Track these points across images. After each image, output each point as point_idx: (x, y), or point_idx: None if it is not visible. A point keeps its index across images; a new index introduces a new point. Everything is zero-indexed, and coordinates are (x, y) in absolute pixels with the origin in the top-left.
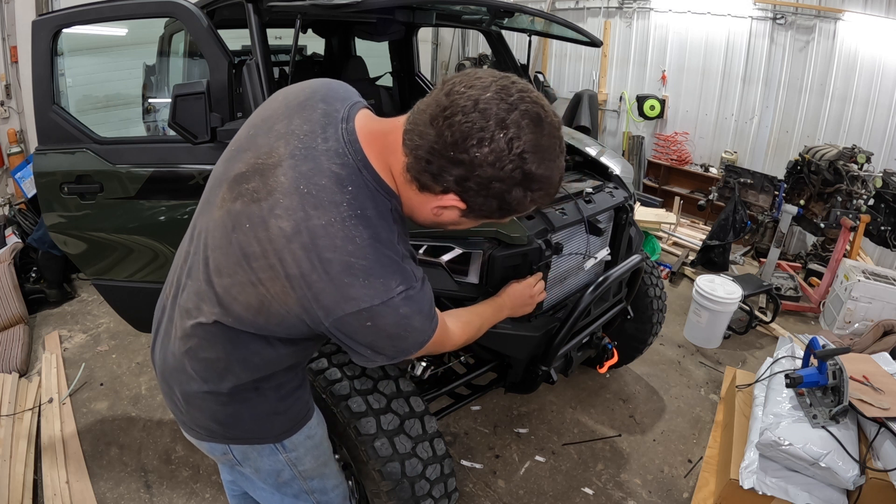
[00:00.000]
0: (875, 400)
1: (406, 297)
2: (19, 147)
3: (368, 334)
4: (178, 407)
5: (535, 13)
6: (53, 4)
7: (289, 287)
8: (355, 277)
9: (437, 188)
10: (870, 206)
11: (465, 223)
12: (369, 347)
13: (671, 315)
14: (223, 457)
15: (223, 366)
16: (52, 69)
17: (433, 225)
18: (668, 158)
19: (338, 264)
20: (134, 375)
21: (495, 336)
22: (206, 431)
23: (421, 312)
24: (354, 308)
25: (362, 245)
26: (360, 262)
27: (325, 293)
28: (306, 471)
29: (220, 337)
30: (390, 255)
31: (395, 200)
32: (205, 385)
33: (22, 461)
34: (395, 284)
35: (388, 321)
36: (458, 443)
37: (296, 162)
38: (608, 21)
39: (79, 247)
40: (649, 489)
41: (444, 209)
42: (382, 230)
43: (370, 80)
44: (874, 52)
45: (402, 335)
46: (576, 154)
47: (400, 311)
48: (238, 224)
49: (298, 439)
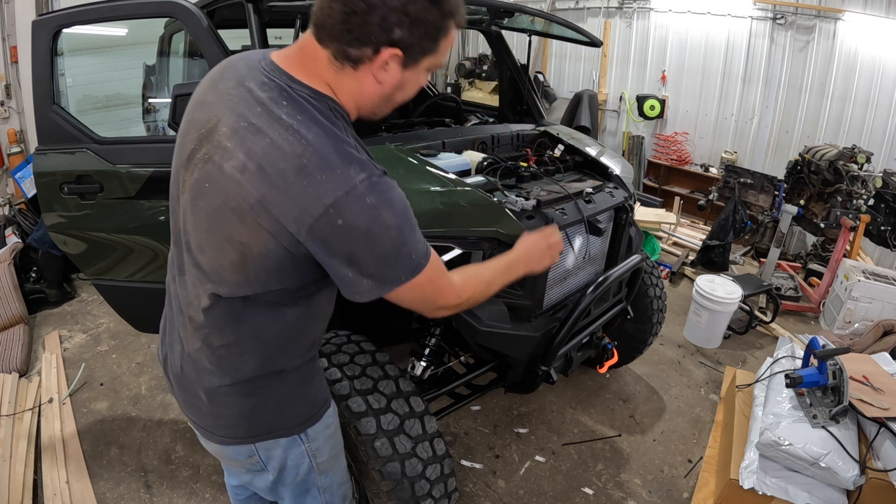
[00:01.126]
0: (875, 400)
1: (370, 185)
2: (19, 147)
3: (343, 238)
4: (201, 411)
5: (535, 13)
6: (53, 4)
7: (257, 219)
8: (312, 176)
9: (369, 50)
10: (870, 206)
11: (410, 80)
12: (349, 260)
13: (671, 315)
14: (248, 460)
15: (238, 350)
16: (52, 69)
17: (382, 102)
18: (668, 158)
19: (292, 170)
20: (134, 375)
21: (495, 336)
22: (231, 431)
23: (392, 206)
24: (320, 208)
25: (310, 144)
26: (313, 160)
27: (288, 205)
28: (323, 463)
29: (226, 318)
30: (342, 147)
31: (332, 101)
32: (225, 377)
33: (22, 461)
34: (354, 173)
35: (357, 214)
36: (458, 443)
37: (230, 111)
38: (608, 21)
39: (79, 247)
40: (649, 489)
41: (384, 70)
42: (328, 126)
43: None
44: (874, 52)
45: (378, 235)
46: (576, 154)
47: (367, 200)
48: (201, 191)
49: (319, 428)
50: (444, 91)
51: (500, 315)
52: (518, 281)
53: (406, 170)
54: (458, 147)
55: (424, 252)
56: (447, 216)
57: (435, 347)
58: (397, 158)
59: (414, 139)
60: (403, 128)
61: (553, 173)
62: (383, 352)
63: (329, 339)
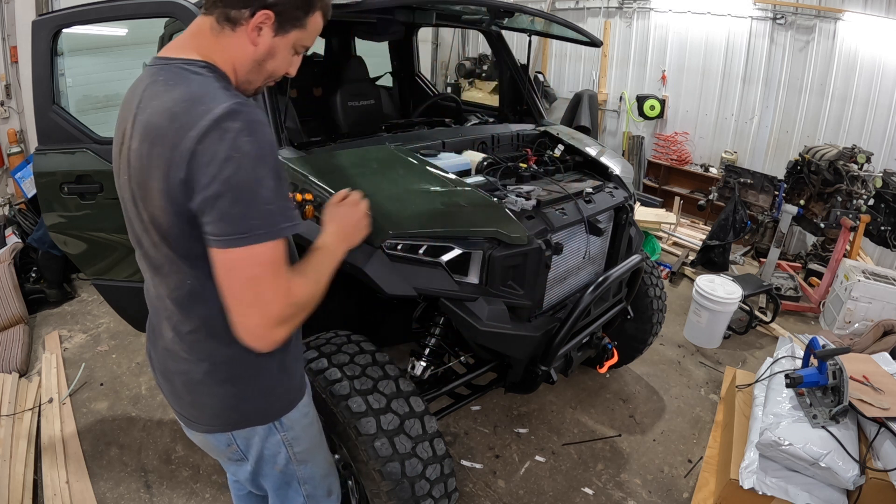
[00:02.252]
0: (875, 400)
1: (231, 111)
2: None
3: (208, 167)
4: (183, 401)
5: (535, 13)
6: (53, 4)
7: (154, 183)
8: (179, 117)
9: (247, 11)
10: (870, 206)
11: (280, 50)
12: (212, 196)
13: (671, 315)
14: (228, 450)
15: (204, 334)
16: (52, 69)
17: (255, 67)
18: (668, 158)
19: (166, 121)
20: (134, 375)
21: (495, 336)
22: (211, 420)
23: (253, 133)
24: (191, 141)
25: (180, 94)
26: (181, 105)
27: (167, 153)
28: (300, 453)
29: (188, 302)
30: (210, 88)
31: (202, 62)
32: (200, 364)
33: (22, 461)
34: (217, 103)
35: (218, 140)
36: (458, 443)
37: (129, 104)
38: (608, 21)
39: (79, 247)
40: (649, 489)
41: (258, 33)
42: (198, 78)
43: (370, 80)
44: (874, 52)
45: (236, 160)
46: (576, 154)
47: (225, 124)
48: (127, 185)
49: (295, 416)
50: (444, 91)
51: (500, 315)
52: (518, 281)
53: (406, 170)
54: (458, 147)
55: (289, 217)
56: (447, 216)
57: (435, 347)
58: (397, 158)
59: (414, 139)
60: (403, 128)
61: (553, 173)
62: (383, 352)
63: (329, 339)
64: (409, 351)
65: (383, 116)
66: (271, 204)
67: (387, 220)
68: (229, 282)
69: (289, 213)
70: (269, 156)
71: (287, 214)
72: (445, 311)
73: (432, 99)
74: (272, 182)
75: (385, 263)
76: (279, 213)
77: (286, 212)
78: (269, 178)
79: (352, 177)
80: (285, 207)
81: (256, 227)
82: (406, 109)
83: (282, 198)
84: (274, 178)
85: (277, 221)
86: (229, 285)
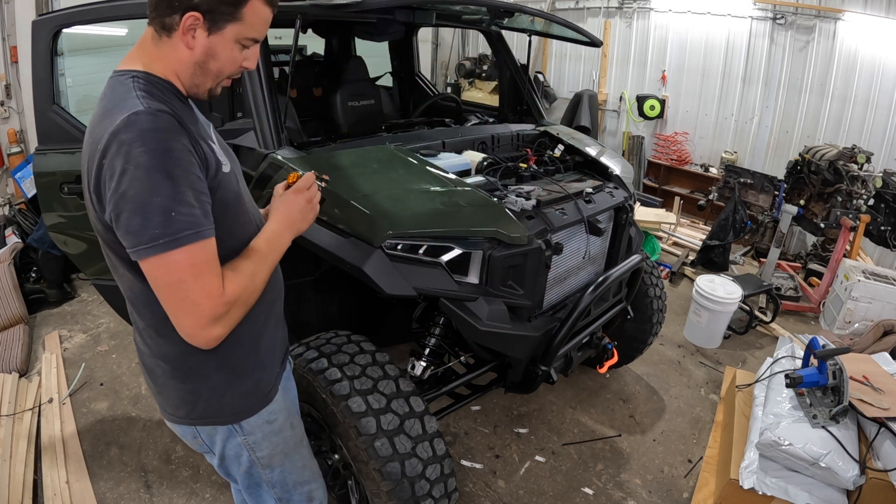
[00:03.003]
0: (875, 400)
1: (128, 122)
2: (19, 147)
3: (111, 182)
4: (155, 390)
5: (535, 13)
6: (53, 4)
7: (84, 179)
8: (93, 130)
9: (177, 16)
10: (870, 206)
11: (219, 49)
12: (115, 208)
13: (671, 315)
14: (194, 441)
15: (154, 332)
16: (52, 69)
17: (198, 70)
18: (668, 158)
19: (88, 136)
20: (134, 375)
21: (495, 336)
22: (176, 411)
23: (144, 143)
24: (98, 155)
25: (101, 108)
26: (97, 118)
27: (85, 165)
28: (263, 458)
29: (140, 301)
30: (124, 99)
31: (137, 72)
32: (158, 359)
33: (22, 461)
34: (119, 115)
35: (115, 153)
36: (458, 443)
37: None
38: (608, 21)
39: (79, 247)
40: (649, 489)
41: (191, 36)
42: (122, 90)
43: (370, 80)
44: (874, 52)
45: (129, 173)
46: (576, 154)
47: (123, 136)
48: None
49: (256, 422)
50: (444, 91)
51: (500, 315)
52: (518, 281)
53: (406, 170)
54: (458, 147)
55: (192, 223)
56: (447, 216)
57: (435, 347)
58: (397, 158)
59: (414, 139)
60: (403, 128)
61: (553, 173)
62: (383, 352)
63: (329, 339)
64: (409, 351)
65: (383, 116)
66: (170, 212)
67: (387, 220)
68: (155, 288)
69: (193, 219)
70: (166, 163)
71: (191, 221)
72: (445, 311)
73: (432, 99)
74: (169, 190)
75: (385, 263)
76: (182, 220)
77: (190, 218)
78: (166, 186)
79: (352, 177)
80: (189, 213)
81: (157, 236)
82: (406, 109)
83: (183, 204)
84: (171, 185)
85: (180, 229)
86: (156, 291)
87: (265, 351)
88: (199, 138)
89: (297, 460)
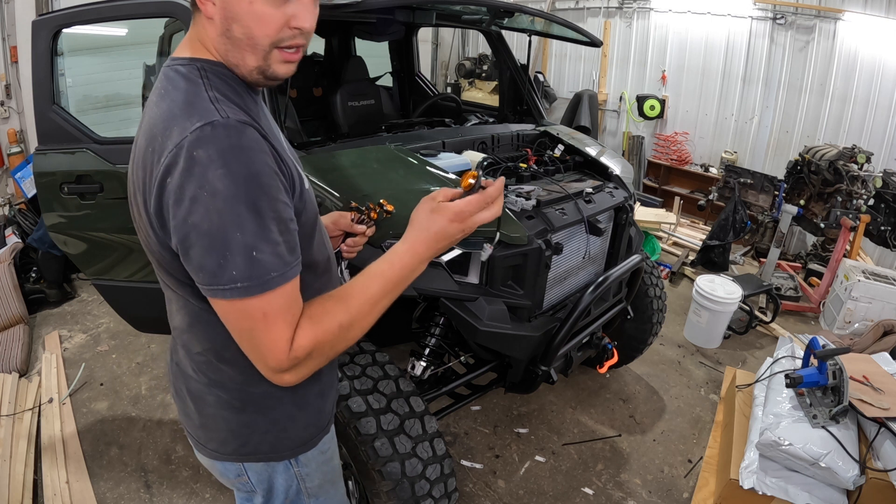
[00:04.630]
0: (875, 400)
1: (202, 136)
2: (19, 147)
3: (178, 207)
4: (193, 422)
5: (535, 13)
6: (53, 4)
7: (137, 205)
8: (156, 139)
9: None
10: (870, 206)
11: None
12: (183, 237)
13: (671, 315)
14: (237, 479)
15: (214, 356)
16: (52, 69)
17: (227, 43)
18: (668, 158)
19: (145, 142)
20: (134, 375)
21: (495, 336)
22: (221, 446)
23: (225, 164)
24: (161, 171)
25: (163, 110)
26: (160, 125)
27: (142, 178)
28: (312, 488)
29: (196, 322)
30: (192, 101)
31: (201, 61)
32: (211, 387)
33: (22, 461)
34: (190, 123)
35: (183, 172)
36: (458, 443)
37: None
38: (608, 21)
39: (79, 247)
40: (649, 489)
41: (211, 2)
42: (187, 87)
43: (370, 80)
44: (874, 52)
45: (202, 201)
46: (576, 154)
47: (194, 153)
48: (131, 184)
49: (313, 454)
50: (444, 91)
51: (500, 315)
52: (518, 281)
53: (406, 170)
54: (458, 147)
55: (277, 264)
56: None
57: (435, 347)
58: (397, 158)
59: (414, 139)
60: (403, 128)
61: (553, 173)
62: (383, 352)
63: None
64: (409, 351)
65: (383, 116)
66: (253, 250)
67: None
68: (226, 324)
69: (278, 259)
70: (249, 191)
71: (276, 262)
72: (445, 311)
73: (432, 99)
74: (252, 225)
75: None
76: (266, 259)
77: (275, 259)
78: (249, 220)
79: (352, 177)
80: (274, 253)
81: (236, 278)
82: (406, 109)
83: (269, 242)
84: (254, 219)
85: (266, 271)
86: (227, 327)
87: (325, 378)
88: (282, 151)
89: (338, 487)
